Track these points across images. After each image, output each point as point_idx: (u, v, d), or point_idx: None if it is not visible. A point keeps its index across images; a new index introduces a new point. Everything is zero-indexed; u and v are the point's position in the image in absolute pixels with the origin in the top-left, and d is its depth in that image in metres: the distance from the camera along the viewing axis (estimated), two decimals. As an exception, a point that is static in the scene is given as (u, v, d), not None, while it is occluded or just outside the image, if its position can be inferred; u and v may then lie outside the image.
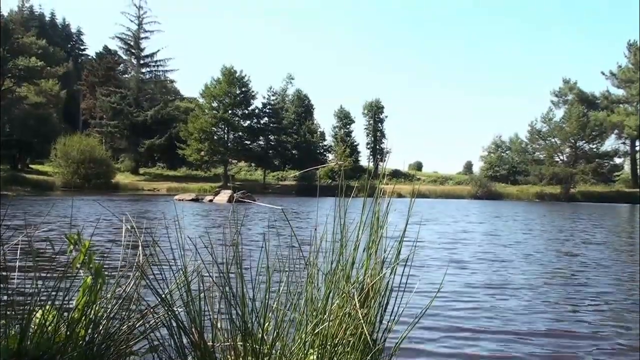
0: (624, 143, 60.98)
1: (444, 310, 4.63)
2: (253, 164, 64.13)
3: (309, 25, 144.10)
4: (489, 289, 5.72)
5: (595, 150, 58.57)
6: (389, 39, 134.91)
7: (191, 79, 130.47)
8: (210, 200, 28.97)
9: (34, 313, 1.92)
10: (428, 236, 11.35)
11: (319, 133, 64.43)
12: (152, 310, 2.10)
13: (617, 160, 63.20)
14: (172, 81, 72.55)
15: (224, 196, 28.94)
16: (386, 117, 68.98)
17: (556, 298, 5.40)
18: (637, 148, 60.39)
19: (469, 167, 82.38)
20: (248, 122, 59.44)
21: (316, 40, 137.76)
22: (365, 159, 68.17)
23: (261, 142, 60.71)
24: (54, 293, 1.97)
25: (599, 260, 8.24)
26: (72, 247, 2.00)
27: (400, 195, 35.02)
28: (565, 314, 4.71)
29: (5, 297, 2.02)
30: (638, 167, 60.10)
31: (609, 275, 6.86)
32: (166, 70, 65.22)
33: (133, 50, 63.43)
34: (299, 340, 2.11)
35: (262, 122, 60.52)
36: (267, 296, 2.11)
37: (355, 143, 66.34)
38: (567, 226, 16.29)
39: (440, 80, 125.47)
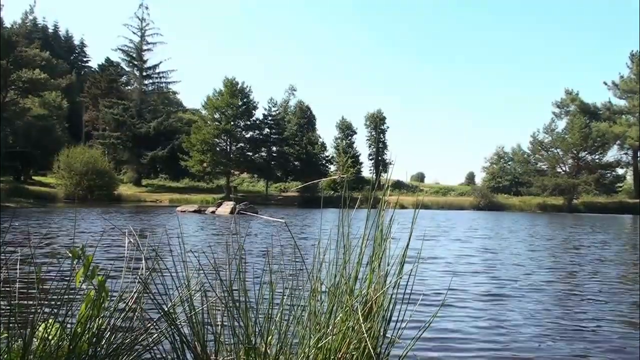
0: (626, 154, 60.93)
1: (451, 326, 4.60)
2: (255, 175, 64.23)
3: (310, 36, 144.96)
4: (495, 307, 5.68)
5: (597, 161, 58.60)
6: (390, 50, 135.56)
7: (193, 91, 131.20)
8: (213, 212, 28.94)
9: (37, 327, 1.91)
10: (438, 251, 11.20)
11: (319, 144, 64.46)
12: (155, 323, 2.09)
13: (620, 171, 63.18)
14: (174, 93, 73.14)
15: (226, 208, 28.92)
16: (388, 128, 69.29)
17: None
18: (640, 159, 60.38)
19: (471, 178, 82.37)
20: (250, 133, 59.66)
21: (318, 52, 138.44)
22: (367, 170, 68.28)
23: (263, 154, 60.82)
24: (56, 307, 1.97)
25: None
26: (75, 261, 2.00)
27: (402, 207, 34.92)
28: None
29: (7, 311, 2.01)
30: (640, 177, 60.02)
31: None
32: (168, 82, 65.73)
33: (135, 62, 63.87)
34: (302, 355, 2.10)
35: (264, 133, 60.70)
36: (270, 310, 2.10)
37: (357, 154, 66.48)
38: (584, 241, 15.22)
39: (442, 91, 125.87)
